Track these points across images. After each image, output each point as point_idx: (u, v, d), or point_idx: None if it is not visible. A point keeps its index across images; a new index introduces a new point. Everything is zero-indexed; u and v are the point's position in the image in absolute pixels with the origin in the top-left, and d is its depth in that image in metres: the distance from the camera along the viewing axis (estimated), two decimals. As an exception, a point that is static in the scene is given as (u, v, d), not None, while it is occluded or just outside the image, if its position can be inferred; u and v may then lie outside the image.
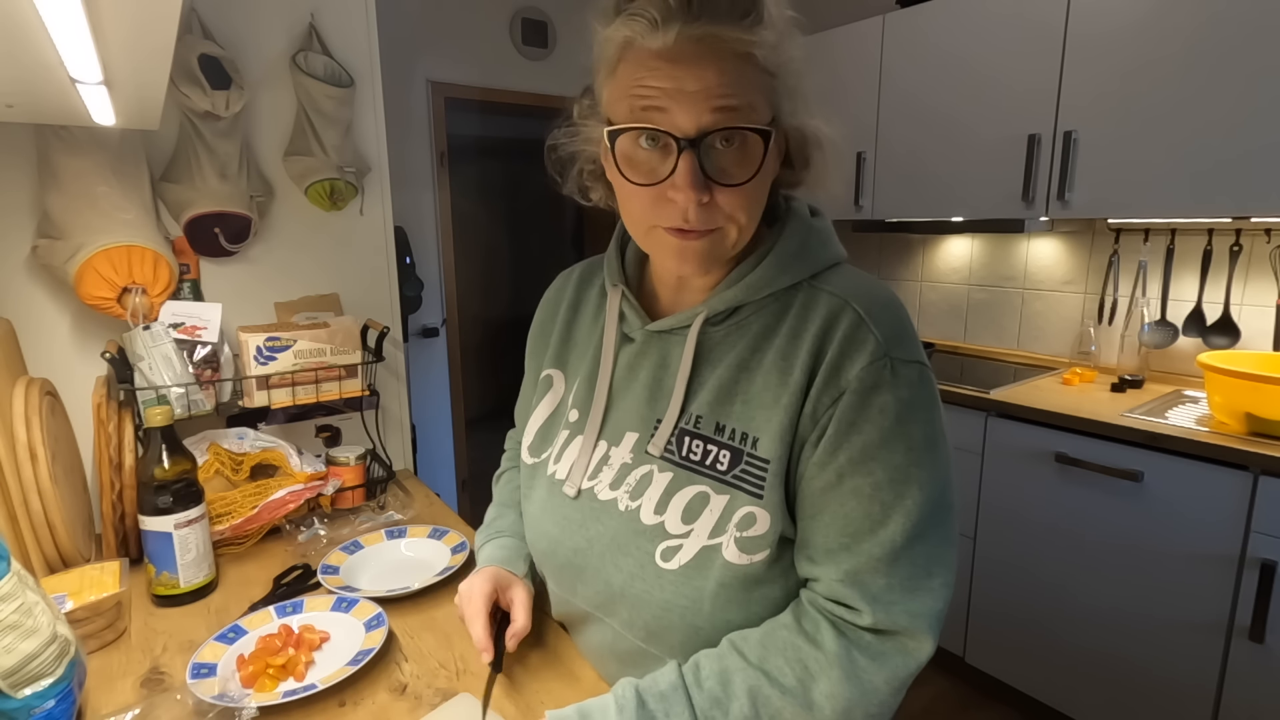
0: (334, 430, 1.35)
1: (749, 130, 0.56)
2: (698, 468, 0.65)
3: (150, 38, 0.62)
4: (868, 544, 0.59)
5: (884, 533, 0.59)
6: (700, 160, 0.56)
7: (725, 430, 0.64)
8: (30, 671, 0.64)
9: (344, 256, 1.47)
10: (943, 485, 0.61)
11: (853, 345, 0.60)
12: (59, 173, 1.12)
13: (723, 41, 0.54)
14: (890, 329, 0.61)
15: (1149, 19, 1.73)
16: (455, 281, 3.07)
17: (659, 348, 0.70)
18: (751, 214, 0.61)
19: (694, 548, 0.64)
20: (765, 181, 0.61)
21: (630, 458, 0.69)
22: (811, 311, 0.63)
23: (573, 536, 0.72)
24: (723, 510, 0.63)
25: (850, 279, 0.65)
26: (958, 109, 2.15)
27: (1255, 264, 1.90)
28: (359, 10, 1.42)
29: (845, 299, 0.62)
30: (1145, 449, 1.63)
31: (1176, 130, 1.71)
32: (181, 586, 0.95)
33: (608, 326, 0.74)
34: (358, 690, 0.77)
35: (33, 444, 0.90)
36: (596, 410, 0.72)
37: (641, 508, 0.67)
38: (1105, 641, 1.75)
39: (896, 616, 0.58)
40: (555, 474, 0.75)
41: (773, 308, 0.65)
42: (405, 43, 2.72)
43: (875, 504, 0.59)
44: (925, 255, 2.69)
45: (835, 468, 0.60)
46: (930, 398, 0.61)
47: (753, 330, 0.65)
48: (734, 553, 0.62)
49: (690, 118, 0.55)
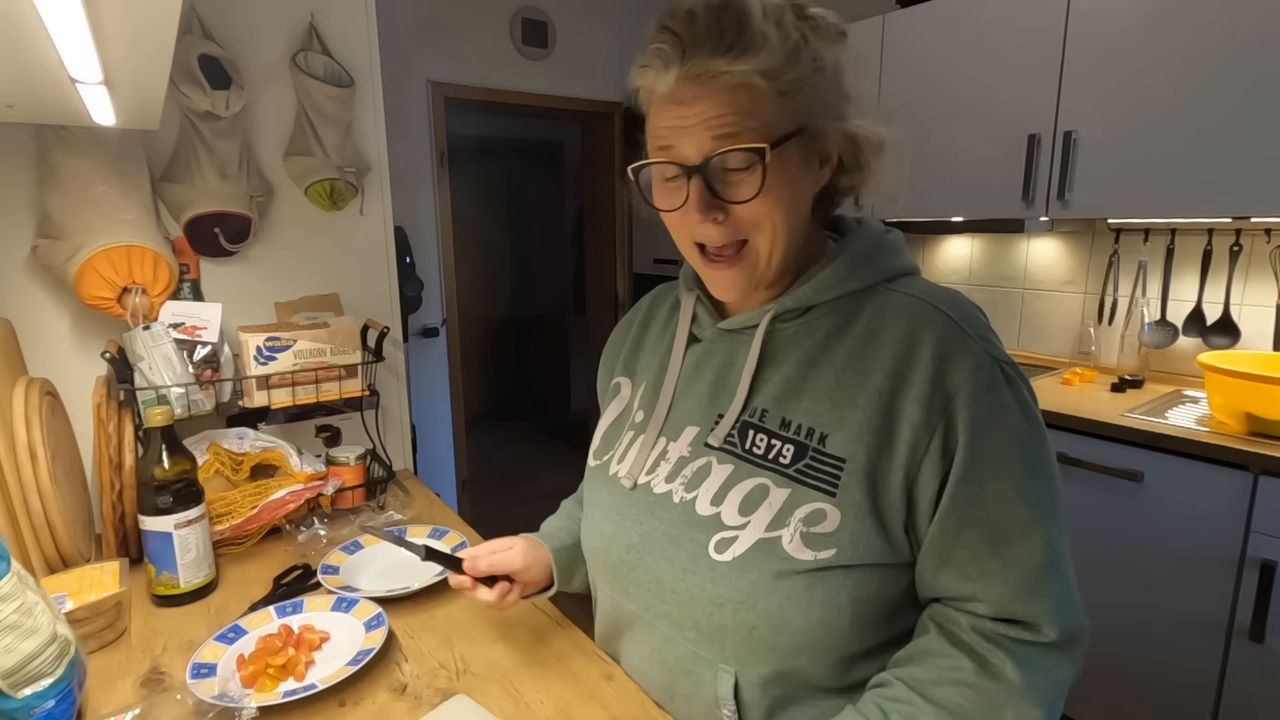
0: (334, 430, 1.35)
1: (743, 149, 0.58)
2: (760, 460, 0.65)
3: (150, 38, 0.62)
4: (1021, 549, 0.59)
5: (1036, 536, 0.59)
6: (709, 183, 0.60)
7: (791, 425, 0.64)
8: (30, 671, 0.64)
9: (344, 256, 1.47)
10: (1058, 476, 0.62)
11: (952, 347, 0.60)
12: (59, 173, 1.12)
13: (714, 77, 0.58)
14: (984, 331, 0.62)
15: (1149, 19, 1.73)
16: (455, 281, 3.07)
17: (727, 346, 0.71)
18: (778, 223, 0.62)
19: (750, 539, 0.63)
20: (792, 192, 0.62)
21: (689, 451, 0.70)
22: (888, 311, 0.64)
23: (627, 532, 0.72)
24: (783, 504, 0.62)
25: (926, 285, 0.66)
26: (958, 109, 2.15)
27: (1255, 264, 1.90)
28: (359, 10, 1.42)
29: (931, 302, 0.63)
30: (1145, 449, 1.63)
31: (1177, 130, 1.71)
32: (181, 586, 0.95)
33: (680, 329, 0.75)
34: (358, 690, 0.77)
35: (33, 444, 0.90)
36: (661, 408, 0.73)
37: (698, 499, 0.67)
38: (1105, 641, 1.74)
39: (1069, 621, 0.60)
40: (617, 473, 0.75)
41: (845, 309, 0.66)
42: (405, 43, 2.72)
43: (1020, 505, 0.59)
44: (925, 255, 2.69)
45: (978, 477, 0.59)
46: (1031, 392, 0.63)
47: (823, 329, 0.66)
48: (797, 546, 0.61)
49: (693, 147, 0.60)
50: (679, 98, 0.59)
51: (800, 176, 0.62)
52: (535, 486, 3.96)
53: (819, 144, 0.63)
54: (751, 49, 0.57)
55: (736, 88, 0.58)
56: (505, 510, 3.63)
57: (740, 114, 0.58)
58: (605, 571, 0.76)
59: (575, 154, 4.58)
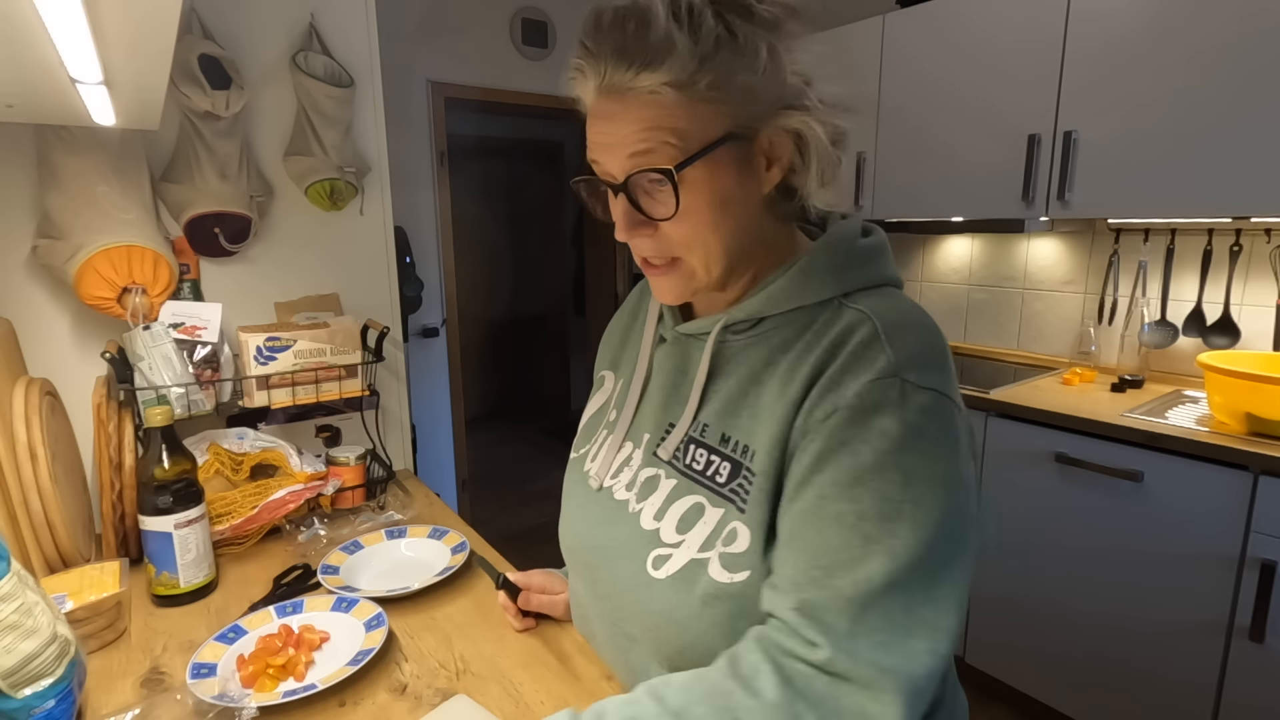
0: (334, 430, 1.35)
1: (651, 171, 0.56)
2: (699, 477, 0.63)
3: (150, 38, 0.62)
4: (840, 580, 0.52)
5: (860, 571, 0.51)
6: (633, 200, 0.58)
7: (730, 442, 0.62)
8: (30, 671, 0.64)
9: (344, 256, 1.47)
10: (947, 535, 0.53)
11: (860, 360, 0.56)
12: (59, 173, 1.12)
13: (629, 90, 0.55)
14: (911, 350, 0.56)
15: (1149, 19, 1.73)
16: (455, 281, 3.07)
17: (683, 351, 0.69)
18: (708, 238, 0.59)
19: (683, 559, 0.61)
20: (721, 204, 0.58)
21: (642, 459, 0.69)
22: (832, 327, 0.59)
23: (593, 534, 0.71)
24: (716, 523, 0.60)
25: (886, 299, 0.61)
26: (958, 109, 2.15)
27: (1255, 264, 1.90)
28: (359, 10, 1.42)
29: (869, 314, 0.58)
30: (1145, 449, 1.63)
31: (1177, 130, 1.71)
32: (181, 586, 0.95)
33: (648, 325, 0.74)
34: (358, 690, 0.77)
35: (33, 444, 0.90)
36: (628, 410, 0.73)
37: (643, 512, 0.66)
38: (1105, 641, 1.75)
39: (860, 663, 0.50)
40: (590, 471, 0.75)
41: (797, 323, 0.62)
42: (405, 43, 2.72)
43: (857, 535, 0.52)
44: (925, 255, 2.69)
45: (818, 488, 0.54)
46: (946, 433, 0.55)
47: (772, 343, 0.62)
48: (718, 569, 0.59)
49: (615, 164, 0.58)
50: (600, 111, 0.57)
51: (733, 184, 0.58)
52: (535, 486, 3.96)
53: (759, 145, 0.58)
54: (656, 60, 0.53)
55: (648, 103, 0.55)
56: (505, 510, 3.63)
57: (653, 129, 0.55)
58: (576, 569, 0.76)
59: (575, 154, 4.59)
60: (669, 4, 0.54)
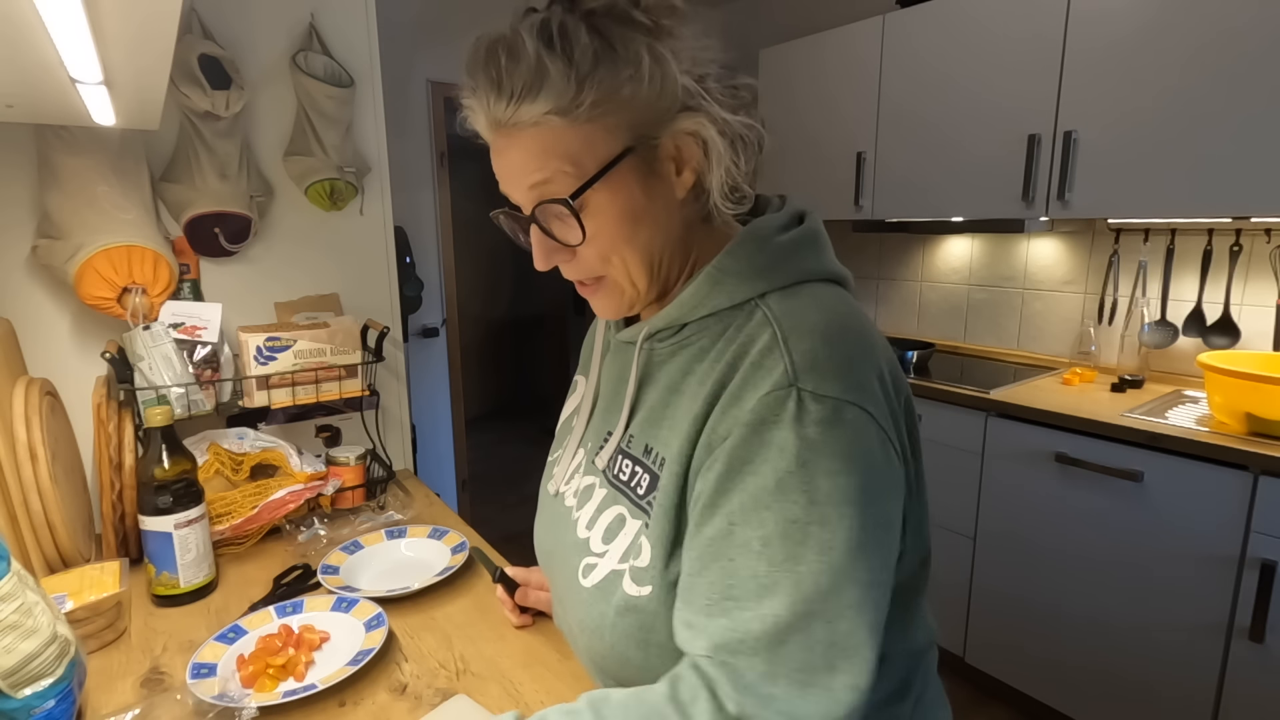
0: (334, 430, 1.35)
1: (549, 203, 0.55)
2: (623, 488, 0.62)
3: (150, 38, 0.62)
4: (747, 614, 0.49)
5: (767, 605, 0.48)
6: (545, 229, 0.57)
7: (651, 453, 0.60)
8: (30, 671, 0.64)
9: (344, 256, 1.47)
10: (861, 554, 0.49)
11: (759, 370, 0.52)
12: (59, 173, 1.12)
13: (514, 124, 0.53)
14: (810, 356, 0.51)
15: (1149, 19, 1.73)
16: (455, 281, 3.07)
17: (622, 358, 0.69)
18: (625, 254, 0.57)
19: (605, 569, 0.61)
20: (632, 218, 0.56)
21: (585, 466, 0.69)
22: (741, 333, 0.56)
23: (546, 537, 0.73)
24: (634, 536, 0.59)
25: (801, 299, 0.56)
26: (958, 109, 2.15)
27: (1255, 264, 1.90)
28: (359, 10, 1.42)
29: (774, 318, 0.54)
30: (1145, 449, 1.63)
31: (1176, 130, 1.71)
32: (181, 586, 0.95)
33: (599, 333, 0.74)
34: (358, 690, 0.77)
35: (33, 444, 0.90)
36: (582, 417, 0.73)
37: (580, 520, 0.66)
38: (1105, 641, 1.75)
39: (773, 714, 0.47)
40: (554, 474, 0.76)
41: (715, 328, 0.59)
42: (405, 43, 2.72)
43: (762, 563, 0.49)
44: (925, 255, 2.69)
45: (726, 513, 0.51)
46: (847, 444, 0.50)
47: (692, 350, 0.60)
48: (629, 581, 0.58)
49: (518, 196, 0.57)
50: (494, 146, 0.56)
51: (640, 197, 0.55)
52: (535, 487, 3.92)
53: (664, 150, 0.55)
54: (531, 90, 0.51)
55: (534, 135, 0.53)
56: (505, 510, 3.63)
57: (545, 158, 0.53)
58: (545, 569, 0.77)
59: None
60: (537, 29, 0.52)
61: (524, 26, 0.52)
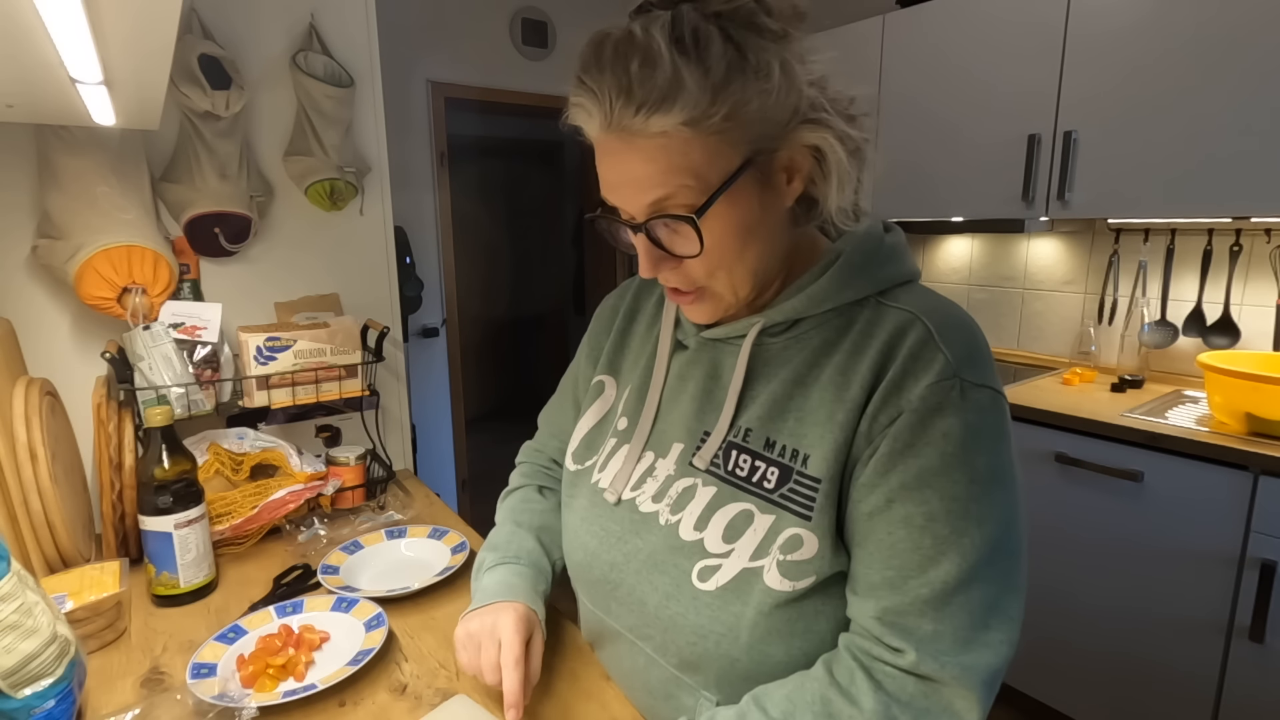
0: (334, 430, 1.35)
1: (671, 217, 0.55)
2: (743, 484, 0.61)
3: (150, 38, 0.62)
4: (915, 582, 0.54)
5: (935, 572, 0.53)
6: (654, 239, 0.58)
7: (776, 446, 0.60)
8: (30, 671, 0.64)
9: (344, 256, 1.47)
10: (1008, 526, 0.55)
11: (919, 362, 0.55)
12: (59, 173, 1.12)
13: (636, 134, 0.52)
14: (963, 348, 0.56)
15: (1149, 19, 1.73)
16: (455, 281, 3.07)
17: (711, 356, 0.67)
18: (734, 267, 0.58)
19: (734, 569, 0.60)
20: (746, 231, 0.57)
21: (675, 469, 0.67)
22: (877, 327, 0.59)
23: (610, 550, 0.69)
24: (767, 531, 0.59)
25: (923, 296, 0.61)
26: (958, 109, 2.15)
27: (1255, 264, 1.90)
28: (359, 10, 1.42)
29: (916, 314, 0.58)
30: (1145, 449, 1.63)
31: (1177, 130, 1.71)
32: (181, 586, 0.95)
33: (663, 332, 0.72)
34: (358, 690, 0.77)
35: (33, 444, 0.90)
36: (645, 418, 0.70)
37: (682, 523, 0.64)
38: (1105, 641, 1.75)
39: (945, 664, 0.52)
40: (599, 483, 0.72)
41: (835, 322, 0.61)
42: (405, 43, 2.72)
43: (927, 537, 0.53)
44: (925, 255, 2.69)
45: (885, 491, 0.55)
46: (1002, 428, 0.56)
47: (812, 344, 0.61)
48: (775, 577, 0.58)
49: (630, 204, 0.56)
50: (608, 148, 0.55)
51: (756, 208, 0.56)
52: (535, 486, 3.94)
53: (779, 162, 0.56)
54: (666, 102, 0.50)
55: (660, 145, 0.52)
56: (505, 510, 3.63)
57: (668, 171, 0.53)
58: (588, 586, 0.74)
59: (575, 154, 4.58)
60: (670, 32, 0.50)
61: (655, 27, 0.51)
